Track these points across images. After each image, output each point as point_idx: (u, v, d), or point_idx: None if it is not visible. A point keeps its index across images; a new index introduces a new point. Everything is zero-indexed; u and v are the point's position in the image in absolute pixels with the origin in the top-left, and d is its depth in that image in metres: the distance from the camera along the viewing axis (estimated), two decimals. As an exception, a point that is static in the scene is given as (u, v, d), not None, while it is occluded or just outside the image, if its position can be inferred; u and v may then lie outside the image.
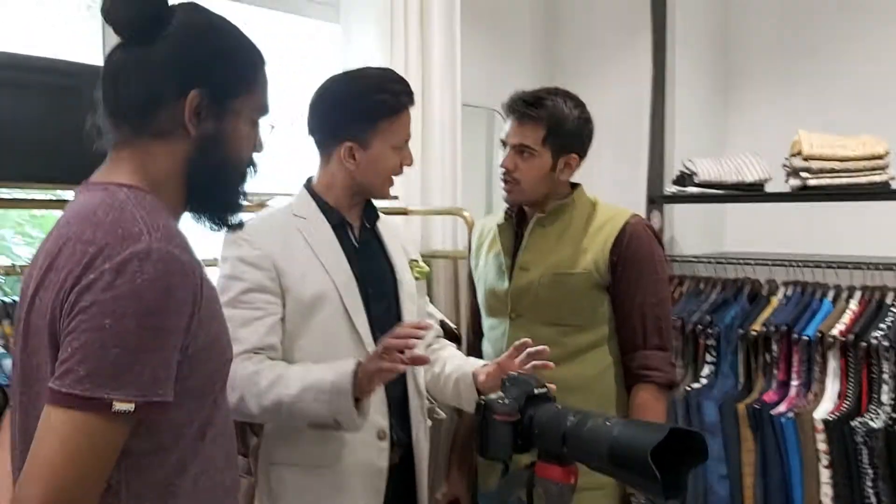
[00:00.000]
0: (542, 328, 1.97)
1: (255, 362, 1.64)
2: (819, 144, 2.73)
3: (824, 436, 2.61)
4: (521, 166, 1.97)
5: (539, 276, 1.98)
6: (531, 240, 2.03)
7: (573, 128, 1.96)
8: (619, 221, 2.00)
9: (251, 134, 1.28)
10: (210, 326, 1.16)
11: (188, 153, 1.20)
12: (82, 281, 1.05)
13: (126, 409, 1.02)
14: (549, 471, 1.45)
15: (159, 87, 1.17)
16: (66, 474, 1.02)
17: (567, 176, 2.02)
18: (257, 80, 1.28)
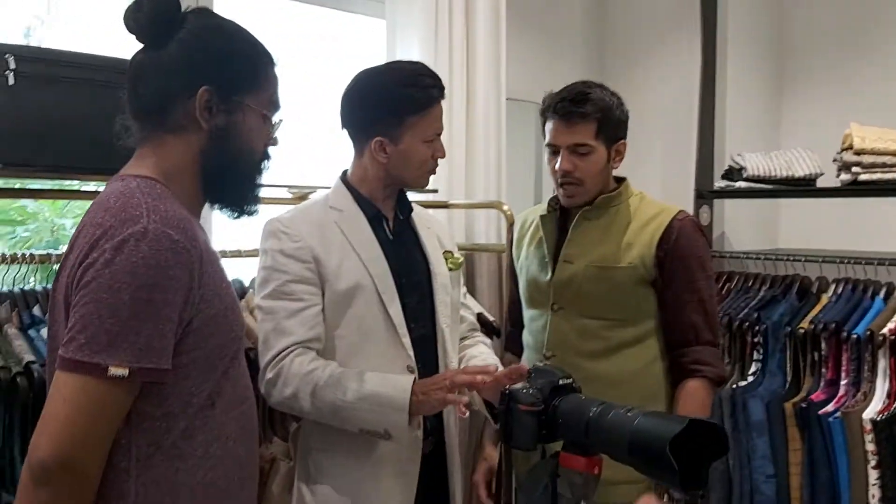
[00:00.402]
0: (585, 321, 1.97)
1: (309, 360, 1.69)
2: (871, 138, 2.67)
3: (873, 436, 2.55)
4: (581, 165, 1.94)
5: (583, 269, 1.97)
6: (576, 232, 2.01)
7: (619, 114, 1.96)
8: (666, 217, 1.98)
9: (262, 128, 1.38)
10: (213, 303, 1.26)
11: (202, 146, 1.32)
12: (88, 259, 1.17)
13: (120, 373, 1.14)
14: (574, 461, 1.46)
15: (172, 85, 1.29)
16: (70, 430, 1.14)
17: (618, 164, 2.01)
18: (265, 78, 1.38)
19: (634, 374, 1.98)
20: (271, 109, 1.40)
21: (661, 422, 1.35)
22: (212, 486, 1.30)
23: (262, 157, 1.41)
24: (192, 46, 1.30)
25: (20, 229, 3.24)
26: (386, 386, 1.66)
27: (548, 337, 2.00)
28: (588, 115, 1.91)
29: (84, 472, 1.17)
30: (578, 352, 1.97)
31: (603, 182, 2.00)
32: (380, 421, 1.65)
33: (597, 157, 1.94)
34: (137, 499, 1.23)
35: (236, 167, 1.36)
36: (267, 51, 1.40)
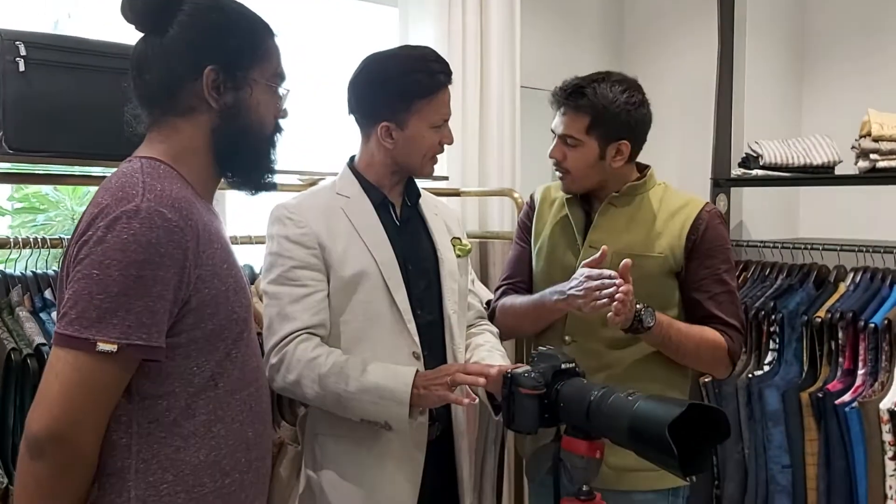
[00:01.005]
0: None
1: (313, 346, 1.70)
2: (890, 125, 2.62)
3: (890, 426, 2.52)
4: (569, 156, 1.94)
5: (610, 255, 1.91)
6: (601, 218, 2.00)
7: (619, 113, 1.90)
8: (694, 208, 1.97)
9: (271, 101, 1.40)
10: (213, 283, 1.28)
11: (213, 125, 1.34)
12: (84, 237, 1.20)
13: (109, 349, 1.16)
14: (575, 445, 1.47)
15: (178, 68, 1.31)
16: (61, 405, 1.16)
17: (620, 163, 1.96)
18: (267, 50, 1.39)
19: (654, 363, 1.97)
20: (278, 81, 1.41)
21: (661, 406, 1.35)
22: (215, 465, 1.31)
23: (273, 129, 1.42)
24: (192, 28, 1.31)
25: (41, 217, 3.29)
26: (388, 378, 1.67)
27: (569, 321, 1.99)
28: (579, 108, 1.90)
29: (77, 446, 1.19)
30: (600, 338, 1.96)
31: (599, 176, 1.98)
32: (381, 412, 1.67)
33: (585, 152, 1.93)
34: (138, 475, 1.25)
35: (249, 142, 1.38)
36: (266, 23, 1.40)
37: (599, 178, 1.98)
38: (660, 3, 3.76)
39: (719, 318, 1.95)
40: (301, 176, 2.34)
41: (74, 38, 1.89)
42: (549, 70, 3.60)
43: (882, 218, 3.17)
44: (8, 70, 1.75)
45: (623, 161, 1.97)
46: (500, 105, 2.98)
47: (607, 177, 1.98)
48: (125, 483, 1.25)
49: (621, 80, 1.95)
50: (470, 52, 2.89)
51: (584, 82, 1.92)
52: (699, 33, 3.52)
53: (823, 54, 3.61)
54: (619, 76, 1.96)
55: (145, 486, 1.26)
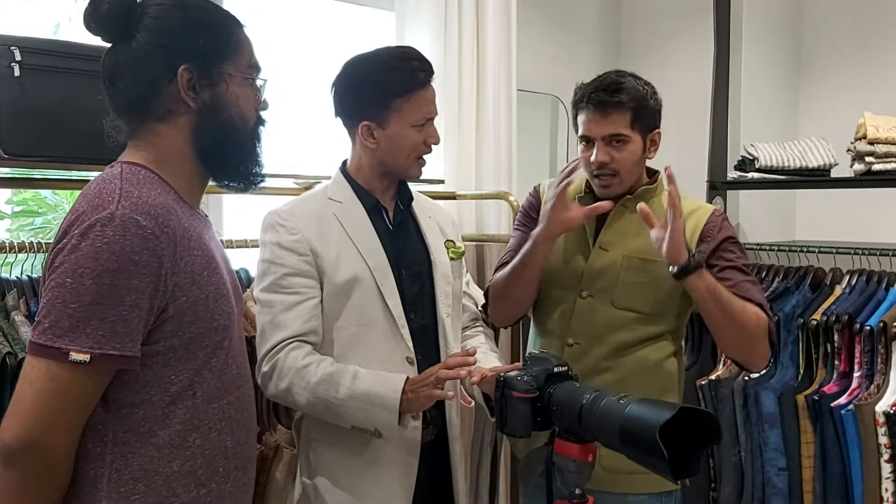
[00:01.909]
0: (615, 311, 1.93)
1: (304, 354, 1.70)
2: (885, 128, 2.63)
3: (886, 429, 2.52)
4: (617, 156, 1.91)
5: (621, 259, 1.93)
6: (613, 220, 1.97)
7: (653, 103, 1.93)
8: (704, 213, 1.97)
9: (249, 93, 1.38)
10: (192, 290, 1.26)
11: (193, 125, 1.32)
12: (59, 244, 1.19)
13: (81, 359, 1.15)
14: (568, 448, 1.47)
15: (150, 73, 1.29)
16: (33, 414, 1.16)
17: (653, 154, 1.98)
18: (238, 42, 1.36)
19: (654, 365, 1.96)
20: (253, 72, 1.39)
21: (652, 409, 1.35)
22: (189, 475, 1.30)
23: (255, 122, 1.40)
24: (159, 30, 1.29)
25: (38, 220, 3.30)
26: (377, 385, 1.67)
27: (573, 324, 1.97)
28: (623, 104, 1.88)
29: (50, 455, 1.18)
30: (604, 342, 1.94)
31: (639, 172, 1.98)
32: (370, 419, 1.67)
33: (633, 148, 1.91)
34: (110, 484, 1.24)
35: (232, 137, 1.36)
36: (232, 15, 1.39)
37: (639, 173, 1.98)
38: (656, 7, 3.77)
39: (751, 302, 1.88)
40: (297, 179, 2.34)
41: (68, 42, 1.89)
42: (545, 74, 3.64)
43: (878, 220, 3.18)
44: (3, 75, 1.77)
45: (656, 151, 1.97)
46: (497, 108, 2.99)
47: (641, 173, 1.99)
48: (97, 492, 1.24)
49: (633, 73, 1.96)
50: (466, 56, 2.90)
51: (618, 77, 1.91)
52: (696, 37, 3.53)
53: (819, 58, 3.62)
54: (630, 72, 1.97)
55: (116, 496, 1.24)
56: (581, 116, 1.96)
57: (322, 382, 1.67)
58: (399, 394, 1.65)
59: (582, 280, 1.97)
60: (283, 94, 2.66)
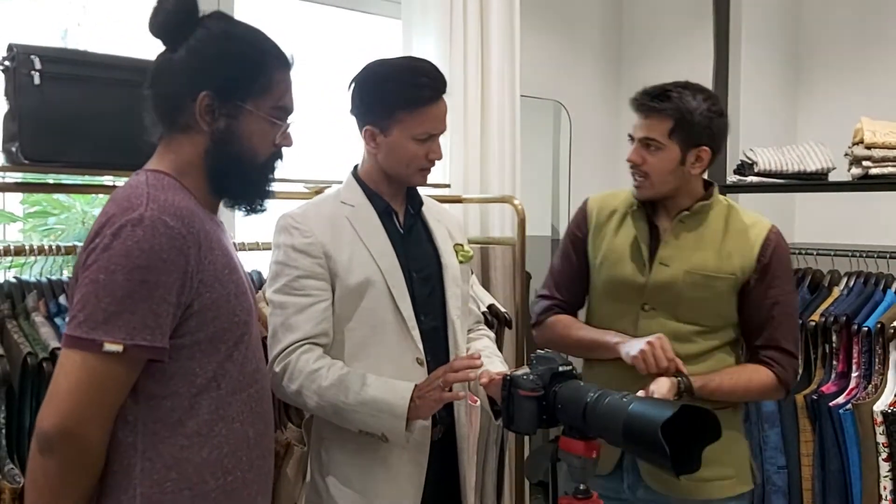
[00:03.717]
0: (678, 325, 1.96)
1: (315, 358, 1.73)
2: (882, 132, 2.67)
3: (883, 428, 2.56)
4: (649, 160, 1.94)
5: (682, 274, 1.95)
6: (672, 236, 1.99)
7: (701, 120, 1.90)
8: (763, 229, 1.99)
9: (266, 132, 1.42)
10: (214, 287, 1.33)
11: (206, 147, 1.38)
12: (91, 245, 1.26)
13: (115, 349, 1.22)
14: (572, 445, 1.50)
15: (178, 88, 1.36)
16: (70, 403, 1.22)
17: (699, 170, 1.96)
18: (270, 82, 1.41)
19: None
20: (279, 114, 1.42)
21: (654, 407, 1.39)
22: (217, 463, 1.36)
23: (268, 159, 1.45)
24: (196, 51, 1.35)
25: (52, 220, 3.33)
26: (386, 392, 1.70)
27: (638, 334, 1.97)
28: (663, 111, 1.90)
29: (85, 442, 1.24)
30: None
31: (677, 182, 1.96)
32: (378, 425, 1.70)
33: (666, 156, 1.92)
34: (143, 473, 1.30)
35: (238, 169, 1.41)
36: (277, 55, 1.43)
37: (676, 184, 1.97)
38: (657, 14, 3.81)
39: (774, 343, 1.97)
40: (307, 184, 2.38)
41: (86, 52, 1.95)
42: (549, 80, 3.69)
43: (875, 223, 3.22)
44: (24, 83, 1.81)
45: (701, 168, 1.97)
46: (501, 113, 3.03)
47: (682, 184, 1.97)
48: (131, 481, 1.30)
49: (702, 89, 1.96)
50: (471, 63, 2.95)
51: (669, 87, 1.93)
52: (695, 43, 3.56)
53: (818, 63, 3.66)
54: (700, 86, 1.97)
55: (150, 483, 1.30)
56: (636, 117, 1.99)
57: (332, 387, 1.70)
58: (407, 401, 1.68)
59: (644, 294, 1.99)
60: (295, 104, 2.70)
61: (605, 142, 3.99)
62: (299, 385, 1.71)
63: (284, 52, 1.44)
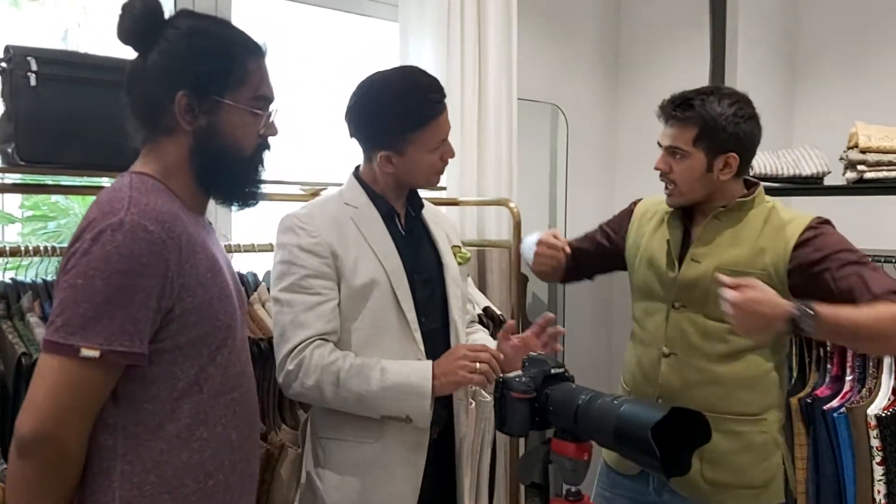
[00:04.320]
0: (709, 322, 1.94)
1: (329, 351, 1.75)
2: (877, 137, 2.68)
3: (877, 432, 2.57)
4: (675, 167, 1.94)
5: (712, 270, 1.91)
6: (705, 232, 1.98)
7: (727, 126, 1.89)
8: (801, 223, 1.92)
9: (248, 123, 1.42)
10: (196, 292, 1.33)
11: (190, 146, 1.38)
12: (72, 249, 1.26)
13: (92, 355, 1.22)
14: (564, 447, 1.51)
15: (155, 91, 1.36)
16: (47, 408, 1.22)
17: (728, 176, 1.93)
18: (246, 74, 1.40)
19: (754, 380, 1.95)
20: (258, 104, 1.42)
21: (645, 409, 1.39)
22: (198, 466, 1.36)
23: (254, 150, 1.45)
24: (168, 53, 1.35)
25: (52, 224, 3.35)
26: (408, 375, 1.73)
27: (667, 334, 1.99)
28: (687, 120, 1.90)
29: (63, 446, 1.24)
30: (700, 352, 1.95)
31: (707, 189, 1.95)
32: (403, 408, 1.73)
33: (692, 164, 1.92)
34: (122, 476, 1.30)
35: (225, 164, 1.41)
36: (248, 45, 1.42)
37: (706, 191, 1.95)
38: (654, 18, 3.82)
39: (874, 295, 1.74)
40: (303, 186, 2.39)
41: (83, 53, 1.95)
42: (546, 83, 3.70)
43: (869, 228, 3.19)
44: (20, 85, 1.82)
45: (731, 174, 1.94)
46: (498, 117, 3.04)
47: (714, 190, 1.95)
48: (110, 483, 1.30)
49: (731, 93, 1.94)
50: (468, 66, 2.96)
51: (692, 94, 1.92)
52: (692, 46, 3.58)
53: (813, 68, 3.67)
54: (729, 90, 1.95)
55: (129, 486, 1.30)
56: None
57: (352, 377, 1.72)
58: (430, 381, 1.72)
59: (675, 291, 1.99)
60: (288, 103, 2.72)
61: (602, 145, 4.01)
62: (316, 379, 1.73)
63: (256, 41, 1.44)
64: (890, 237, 3.03)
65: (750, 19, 3.50)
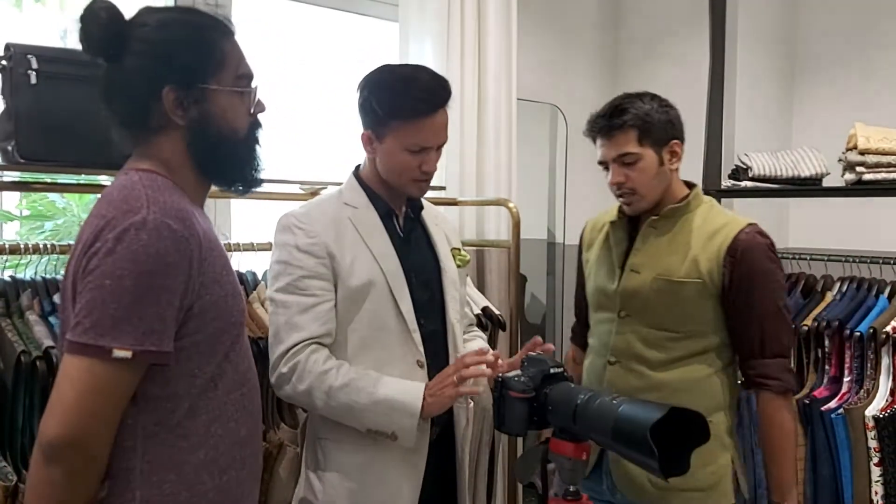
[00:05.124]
0: (650, 330, 1.97)
1: (324, 358, 1.73)
2: (876, 138, 2.68)
3: (875, 433, 2.57)
4: (631, 175, 1.95)
5: (650, 280, 1.96)
6: (642, 242, 2.01)
7: (662, 116, 1.95)
8: (732, 231, 1.94)
9: (238, 104, 1.41)
10: (213, 289, 1.33)
11: (186, 139, 1.37)
12: (92, 248, 1.23)
13: (124, 355, 1.20)
14: (563, 447, 1.51)
15: (139, 93, 1.34)
16: (77, 411, 1.20)
17: (676, 164, 1.99)
18: (224, 55, 1.39)
19: (697, 384, 1.96)
20: (241, 83, 1.41)
21: (643, 409, 1.39)
22: (213, 463, 1.36)
23: (248, 130, 1.44)
24: (143, 53, 1.33)
25: (48, 224, 3.35)
26: (399, 392, 1.72)
27: (613, 342, 2.02)
28: (625, 124, 1.92)
29: (91, 450, 1.23)
30: (642, 360, 1.98)
31: (662, 185, 1.98)
32: (390, 424, 1.72)
33: (645, 164, 1.94)
34: (142, 475, 1.30)
35: (224, 149, 1.40)
36: (219, 25, 1.40)
37: (662, 187, 1.98)
38: (653, 19, 3.83)
39: (762, 349, 1.92)
40: (303, 185, 2.39)
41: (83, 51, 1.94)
42: (545, 83, 3.70)
43: (868, 229, 3.23)
44: (20, 83, 1.82)
45: (678, 162, 1.99)
46: (497, 117, 3.05)
47: (667, 185, 1.99)
48: (130, 484, 1.29)
49: (644, 93, 1.99)
50: (468, 66, 2.96)
51: (616, 102, 1.96)
52: (691, 47, 3.59)
53: (812, 70, 3.68)
54: (640, 92, 2.00)
55: (149, 486, 1.30)
56: (596, 144, 2.00)
57: (343, 387, 1.71)
58: (420, 400, 1.70)
59: (619, 301, 2.02)
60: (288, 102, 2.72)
61: (601, 146, 4.01)
62: (309, 385, 1.71)
63: (224, 21, 1.42)
64: (888, 239, 3.05)
65: (749, 20, 3.51)
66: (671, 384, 1.95)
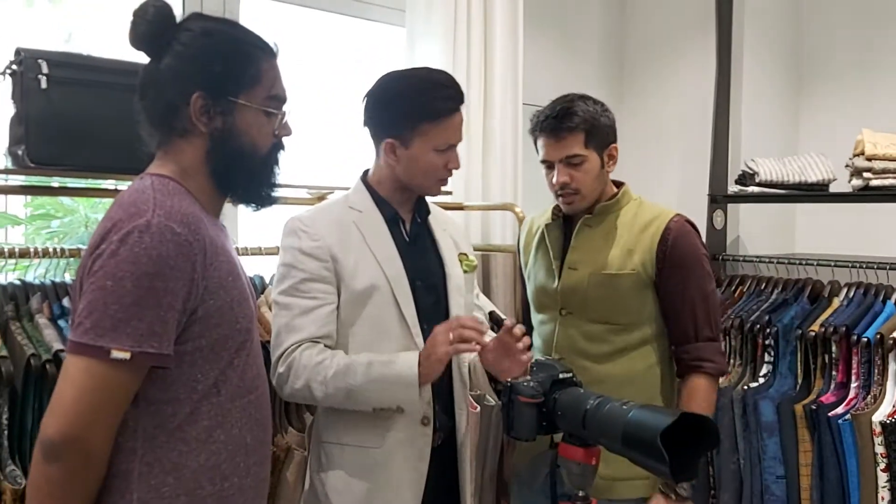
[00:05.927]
0: (591, 325, 2.05)
1: (317, 352, 1.75)
2: (883, 144, 2.69)
3: (882, 439, 2.56)
4: (576, 176, 2.02)
5: (588, 276, 2.04)
6: (578, 240, 2.09)
7: (605, 121, 2.04)
8: (662, 221, 2.05)
9: (263, 124, 1.43)
10: (218, 294, 1.34)
11: (206, 148, 1.39)
12: (97, 250, 1.25)
13: (123, 356, 1.21)
14: (572, 451, 1.51)
15: (170, 94, 1.37)
16: (76, 410, 1.21)
17: (613, 167, 2.09)
18: (259, 74, 1.41)
19: (638, 376, 2.05)
20: (272, 104, 1.43)
21: (654, 414, 1.39)
22: (214, 469, 1.36)
23: (270, 150, 1.45)
24: (182, 55, 1.36)
25: (55, 223, 3.35)
26: (394, 366, 1.72)
27: (556, 340, 2.08)
28: (576, 127, 1.99)
29: (91, 449, 1.24)
30: (585, 355, 2.04)
31: (601, 186, 2.08)
32: (393, 398, 1.74)
33: (590, 165, 2.02)
34: (141, 477, 1.30)
35: (241, 165, 1.41)
36: (263, 45, 1.43)
37: (600, 187, 2.08)
38: (659, 24, 3.83)
39: (694, 332, 2.03)
40: (310, 190, 2.39)
41: (93, 56, 1.95)
42: (551, 89, 3.66)
43: (875, 234, 3.23)
44: (31, 87, 1.82)
45: (615, 164, 2.09)
46: (503, 122, 3.05)
47: (603, 187, 2.09)
48: (129, 485, 1.30)
49: (585, 95, 2.07)
50: (474, 71, 2.97)
51: (566, 104, 2.02)
52: (698, 53, 3.59)
53: (819, 75, 3.68)
54: (582, 94, 2.07)
55: (147, 488, 1.30)
56: (539, 142, 2.07)
57: (339, 373, 1.72)
58: (416, 368, 1.70)
59: (559, 300, 2.08)
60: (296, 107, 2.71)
61: (606, 151, 4.00)
62: (305, 379, 1.73)
63: (268, 42, 1.44)
64: (894, 245, 3.04)
65: (755, 25, 3.51)
66: (615, 377, 2.01)
